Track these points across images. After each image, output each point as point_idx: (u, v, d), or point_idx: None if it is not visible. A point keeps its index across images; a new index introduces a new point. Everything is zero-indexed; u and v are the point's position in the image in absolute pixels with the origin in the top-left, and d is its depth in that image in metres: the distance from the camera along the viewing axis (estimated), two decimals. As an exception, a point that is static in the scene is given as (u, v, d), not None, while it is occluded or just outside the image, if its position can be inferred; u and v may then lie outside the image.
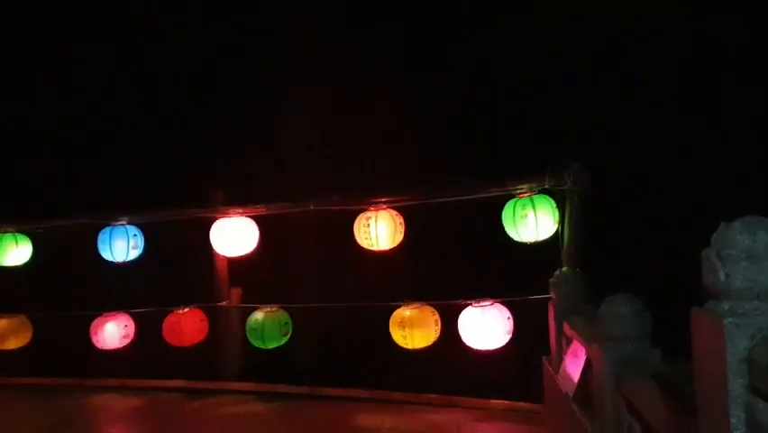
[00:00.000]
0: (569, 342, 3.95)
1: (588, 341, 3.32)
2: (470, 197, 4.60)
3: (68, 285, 6.57)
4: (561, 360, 4.10)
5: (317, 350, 6.12)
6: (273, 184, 6.08)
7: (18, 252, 5.97)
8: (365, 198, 4.87)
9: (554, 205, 4.35)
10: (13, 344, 6.06)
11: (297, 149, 6.54)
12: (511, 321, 4.53)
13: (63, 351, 6.10)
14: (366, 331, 5.27)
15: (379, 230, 4.77)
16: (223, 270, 5.84)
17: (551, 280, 4.32)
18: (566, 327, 3.99)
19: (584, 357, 3.47)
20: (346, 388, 5.44)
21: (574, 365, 3.66)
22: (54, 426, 5.29)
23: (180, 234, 5.81)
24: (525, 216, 4.32)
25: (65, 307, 5.89)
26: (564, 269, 4.30)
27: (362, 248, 4.88)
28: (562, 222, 4.36)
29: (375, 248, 4.83)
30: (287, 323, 5.34)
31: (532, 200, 4.34)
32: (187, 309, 5.59)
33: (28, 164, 7.16)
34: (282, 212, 5.30)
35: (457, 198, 4.65)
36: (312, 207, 5.15)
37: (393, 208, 4.83)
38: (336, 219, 5.03)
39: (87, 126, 7.05)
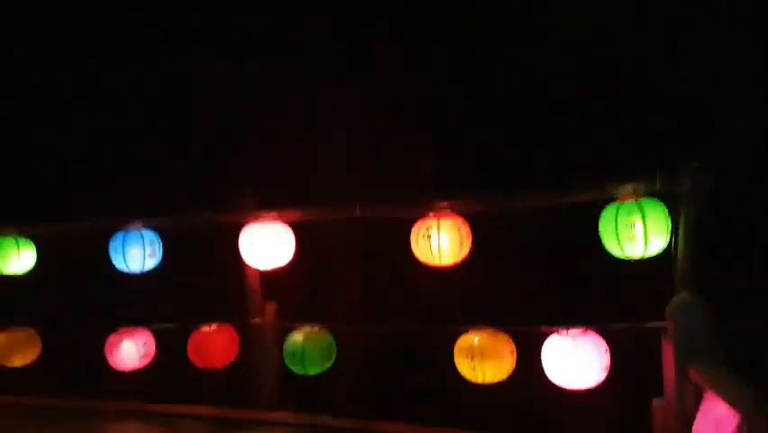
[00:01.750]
0: (698, 391, 3.13)
1: (747, 411, 2.49)
2: (558, 201, 3.74)
3: (79, 297, 5.88)
4: (682, 408, 3.30)
5: (366, 377, 5.30)
6: (313, 184, 5.24)
7: (20, 258, 5.28)
8: (424, 203, 4.05)
9: (667, 211, 3.49)
10: (18, 361, 5.43)
11: (341, 142, 5.62)
12: (609, 354, 3.68)
13: (75, 369, 5.48)
14: (425, 357, 4.47)
15: (442, 242, 3.96)
16: (254, 282, 5.05)
17: (667, 308, 3.45)
18: (693, 374, 3.17)
19: (734, 424, 2.66)
20: (401, 422, 4.63)
21: (714, 429, 2.85)
22: None
23: (206, 241, 5.08)
24: (632, 225, 3.44)
25: (76, 320, 5.23)
26: (684, 294, 3.42)
27: (419, 260, 4.09)
28: (675, 234, 3.50)
29: (437, 263, 4.02)
30: (330, 345, 4.61)
31: (640, 205, 3.46)
32: (215, 326, 4.90)
33: (31, 160, 6.44)
34: (324, 218, 4.52)
35: (541, 204, 3.79)
36: (359, 213, 4.35)
37: (458, 215, 4.02)
38: (387, 224, 4.26)
39: (100, 121, 6.26)
